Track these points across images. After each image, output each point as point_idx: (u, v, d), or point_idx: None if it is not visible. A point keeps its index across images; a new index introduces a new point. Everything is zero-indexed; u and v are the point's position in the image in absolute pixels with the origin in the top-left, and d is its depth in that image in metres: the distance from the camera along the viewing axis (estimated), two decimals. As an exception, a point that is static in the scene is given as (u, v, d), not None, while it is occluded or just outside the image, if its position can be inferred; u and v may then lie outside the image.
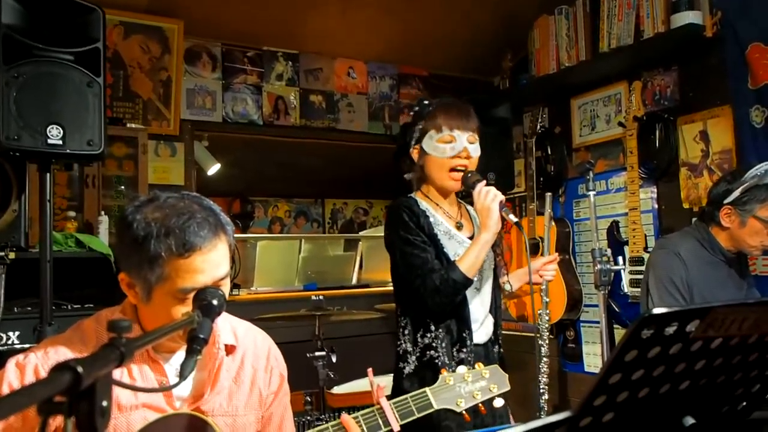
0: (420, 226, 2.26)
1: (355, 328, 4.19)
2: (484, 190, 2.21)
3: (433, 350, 2.25)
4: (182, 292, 1.40)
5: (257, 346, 1.70)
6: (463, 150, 2.27)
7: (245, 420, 1.61)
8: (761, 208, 2.54)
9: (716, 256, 2.67)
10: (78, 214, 3.43)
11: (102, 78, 2.56)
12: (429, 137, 2.29)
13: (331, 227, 8.40)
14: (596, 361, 4.09)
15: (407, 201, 2.34)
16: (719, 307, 1.02)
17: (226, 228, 1.48)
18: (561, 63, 4.18)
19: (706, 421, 1.23)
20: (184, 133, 4.09)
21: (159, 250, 1.37)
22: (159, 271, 1.38)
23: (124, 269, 1.45)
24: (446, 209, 2.39)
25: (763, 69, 3.17)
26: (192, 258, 1.39)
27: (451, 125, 2.27)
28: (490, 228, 2.18)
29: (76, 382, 0.76)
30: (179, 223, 1.39)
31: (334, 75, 4.69)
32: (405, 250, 2.24)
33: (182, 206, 1.43)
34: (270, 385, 1.69)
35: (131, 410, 1.46)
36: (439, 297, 2.18)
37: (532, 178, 4.30)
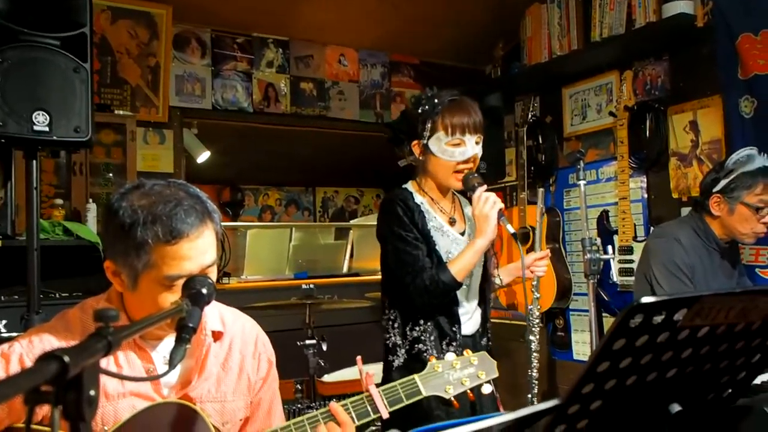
0: (414, 222, 2.25)
1: (345, 317, 4.19)
2: (483, 196, 2.20)
3: (421, 344, 2.26)
4: (169, 280, 1.39)
5: (245, 332, 1.69)
6: (472, 157, 2.27)
7: (234, 406, 1.61)
8: (748, 194, 2.57)
9: (710, 245, 2.70)
10: (65, 202, 3.40)
11: (89, 64, 2.53)
12: (437, 138, 2.26)
13: (322, 216, 8.38)
14: (585, 350, 4.12)
15: (402, 194, 2.32)
16: (706, 296, 1.03)
17: (212, 215, 1.47)
18: (553, 52, 4.18)
19: (692, 409, 1.24)
20: (173, 121, 4.07)
21: (146, 237, 1.36)
22: (146, 258, 1.38)
23: (110, 257, 1.44)
24: (441, 204, 2.38)
25: (753, 59, 3.18)
26: (179, 245, 1.38)
27: (462, 128, 2.24)
28: (487, 235, 2.18)
29: (63, 372, 0.75)
30: (166, 210, 1.38)
31: (325, 62, 4.67)
32: (397, 246, 2.24)
33: (169, 193, 1.42)
34: (258, 371, 1.68)
35: (118, 398, 1.45)
36: (427, 297, 2.19)
37: (523, 167, 4.31)
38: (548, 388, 4.31)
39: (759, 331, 1.18)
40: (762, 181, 2.56)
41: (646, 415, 1.21)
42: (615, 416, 1.17)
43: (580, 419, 1.10)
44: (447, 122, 2.24)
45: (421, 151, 2.32)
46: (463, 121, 2.24)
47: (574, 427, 1.10)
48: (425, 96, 2.33)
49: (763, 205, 2.56)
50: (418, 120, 2.29)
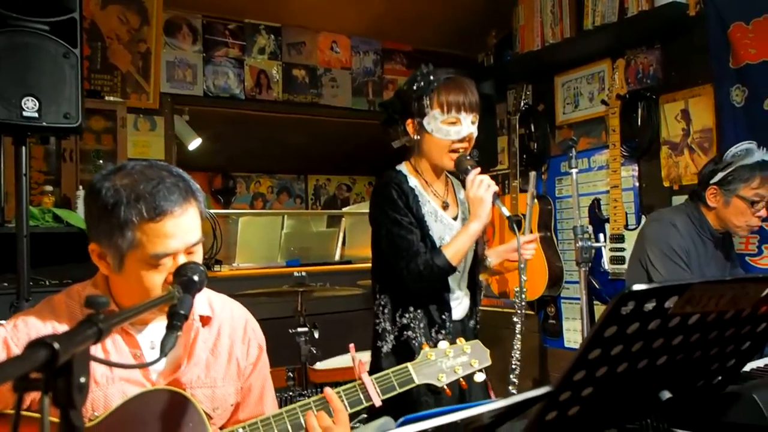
0: (408, 206, 2.22)
1: (337, 305, 4.19)
2: (478, 179, 2.17)
3: (410, 331, 2.24)
4: (155, 258, 1.39)
5: (234, 318, 1.69)
6: (468, 136, 2.23)
7: (224, 391, 1.60)
8: (744, 187, 2.58)
9: (704, 234, 2.72)
10: (55, 189, 3.39)
11: (79, 49, 2.51)
12: (433, 117, 2.21)
13: (314, 203, 8.37)
14: (576, 337, 4.14)
15: (397, 177, 2.28)
16: (697, 284, 1.03)
17: (196, 194, 1.47)
18: (545, 40, 4.17)
19: (682, 396, 1.24)
20: (164, 107, 4.05)
21: (129, 215, 1.36)
22: (130, 236, 1.37)
23: (95, 239, 1.44)
24: (435, 187, 2.35)
25: (745, 48, 3.18)
26: (163, 222, 1.38)
27: (459, 106, 2.20)
28: (481, 218, 2.16)
29: (53, 359, 0.75)
30: (149, 188, 1.38)
31: (317, 49, 4.65)
32: (392, 230, 2.20)
33: (151, 172, 1.42)
34: (248, 356, 1.68)
35: (108, 384, 1.45)
36: (421, 281, 2.17)
37: (515, 155, 4.31)
38: (539, 375, 4.33)
39: (748, 319, 1.19)
40: (759, 175, 2.58)
41: (637, 402, 1.22)
42: (606, 403, 1.18)
43: (571, 406, 1.10)
44: (443, 100, 2.20)
45: (415, 130, 2.27)
46: (459, 99, 2.20)
47: (565, 414, 1.11)
48: (420, 73, 2.27)
49: (758, 199, 2.58)
50: (413, 97, 2.24)
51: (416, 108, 2.24)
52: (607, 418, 1.30)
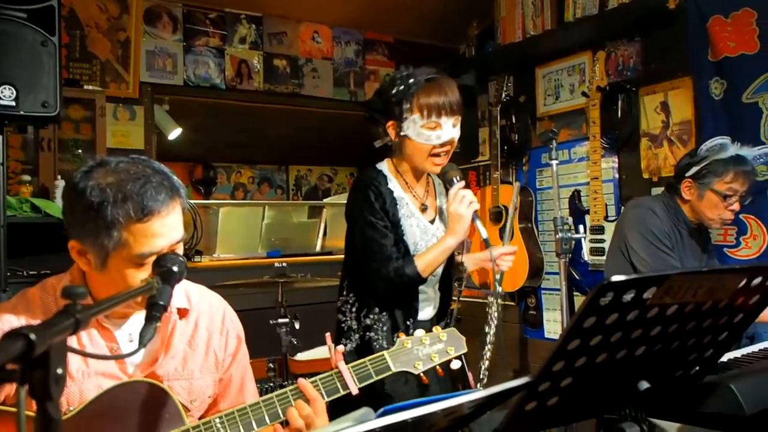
0: (385, 209, 2.20)
1: (318, 295, 4.17)
2: (460, 194, 2.15)
3: (373, 332, 2.23)
4: (140, 257, 1.38)
5: (212, 309, 1.68)
6: (450, 140, 2.20)
7: (201, 383, 1.60)
8: (718, 182, 2.62)
9: (679, 224, 2.76)
10: (33, 178, 3.35)
11: (57, 37, 2.48)
12: (413, 121, 2.17)
13: (295, 194, 8.34)
14: (556, 328, 4.17)
15: (377, 178, 2.26)
16: (675, 274, 1.04)
17: (180, 191, 1.46)
18: (526, 32, 4.18)
19: (661, 386, 1.26)
20: (144, 96, 4.00)
21: (116, 215, 1.34)
22: (116, 236, 1.36)
23: (76, 237, 1.42)
24: (415, 189, 2.33)
25: (723, 41, 3.21)
26: (150, 222, 1.37)
27: (439, 110, 2.15)
28: (458, 235, 2.15)
29: (29, 350, 0.74)
30: (136, 188, 1.36)
31: (299, 39, 4.63)
32: (366, 232, 2.19)
33: (136, 170, 1.40)
34: (227, 347, 1.67)
35: (84, 379, 1.43)
36: (390, 288, 2.17)
37: (497, 146, 4.31)
38: (520, 366, 4.36)
39: (726, 310, 1.20)
40: (733, 170, 2.61)
41: (615, 392, 1.23)
42: (585, 393, 1.19)
43: (550, 396, 1.11)
44: (422, 103, 2.15)
45: (396, 133, 2.24)
46: (440, 103, 2.15)
47: (544, 404, 1.12)
48: (400, 75, 2.23)
49: (731, 194, 2.62)
50: (393, 101, 2.20)
51: (396, 111, 2.20)
52: (586, 408, 1.31)
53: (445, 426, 1.17)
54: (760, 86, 3.10)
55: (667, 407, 1.50)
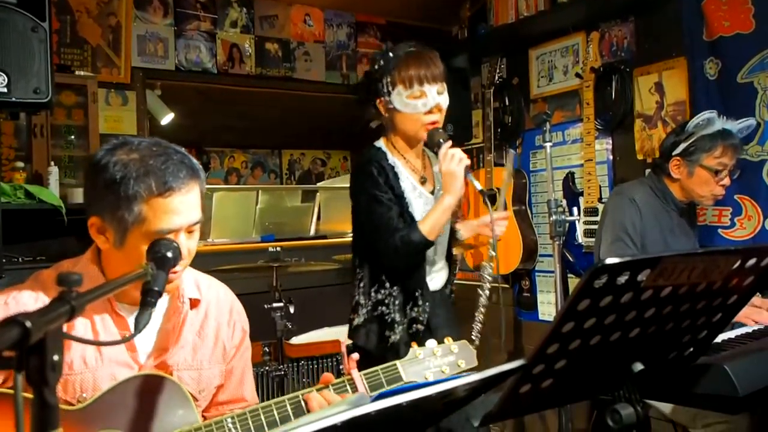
0: (388, 183, 2.27)
1: (312, 279, 4.19)
2: (449, 153, 2.20)
3: (384, 306, 2.29)
4: (159, 234, 1.40)
5: (220, 300, 1.70)
6: (436, 106, 2.26)
7: (210, 373, 1.61)
8: (707, 157, 2.62)
9: (668, 206, 2.76)
10: (27, 165, 3.33)
11: (47, 23, 2.46)
12: (398, 93, 2.26)
13: (289, 178, 8.32)
14: (550, 310, 4.18)
15: (377, 154, 2.33)
16: (669, 256, 1.04)
17: (199, 173, 1.49)
18: (519, 13, 4.15)
19: (655, 367, 1.27)
20: (136, 82, 3.97)
21: (138, 189, 1.37)
22: (137, 211, 1.38)
23: (97, 212, 1.44)
24: (412, 162, 2.39)
25: (718, 21, 3.20)
26: (171, 198, 1.39)
27: (420, 79, 2.23)
28: (454, 192, 2.20)
29: (25, 337, 0.74)
30: (158, 164, 1.39)
31: (290, 22, 4.59)
32: (371, 207, 2.25)
33: (158, 149, 1.44)
34: (233, 338, 1.69)
35: (98, 366, 1.45)
36: (398, 257, 2.22)
37: (490, 129, 4.31)
38: (514, 348, 4.38)
39: (720, 291, 1.21)
40: (721, 144, 2.61)
41: (610, 374, 1.23)
42: (579, 375, 1.19)
43: (544, 379, 1.12)
44: (404, 75, 2.24)
45: (385, 109, 2.32)
46: (420, 73, 2.23)
47: (539, 387, 1.12)
48: (380, 53, 2.34)
49: (721, 168, 2.61)
50: (376, 78, 2.30)
51: (382, 87, 2.29)
52: (580, 390, 1.32)
53: (440, 409, 1.18)
54: (755, 66, 3.09)
55: (661, 388, 1.51)
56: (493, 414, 1.14)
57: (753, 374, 1.53)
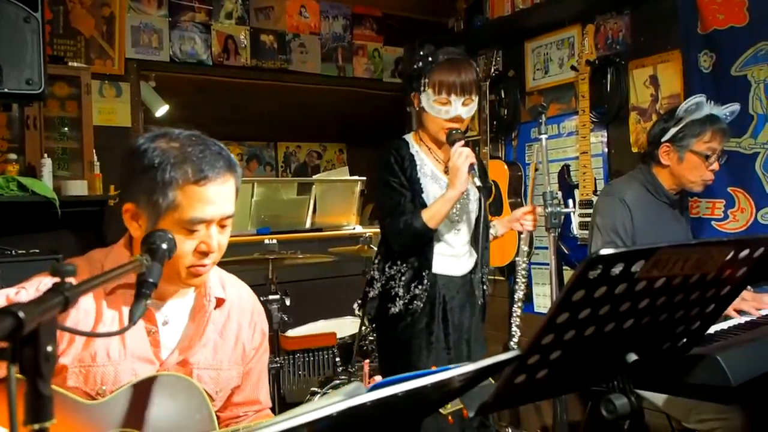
0: (403, 169, 2.46)
1: (308, 272, 4.19)
2: (458, 151, 2.37)
3: (393, 281, 2.49)
4: (192, 222, 1.41)
5: (242, 300, 1.70)
6: (456, 117, 2.43)
7: (228, 374, 1.61)
8: (697, 142, 2.62)
9: (660, 199, 2.76)
10: (19, 157, 3.31)
11: (40, 13, 2.45)
12: (427, 95, 2.43)
13: (284, 171, 8.31)
14: (546, 302, 4.20)
15: (398, 144, 2.53)
16: (663, 247, 1.05)
17: (236, 167, 1.51)
18: (515, 5, 4.15)
19: (648, 358, 1.27)
20: (130, 73, 3.96)
21: (175, 175, 1.38)
22: (172, 196, 1.39)
23: (131, 198, 1.45)
24: (436, 153, 2.57)
25: (713, 14, 3.20)
26: (206, 187, 1.41)
27: (449, 89, 2.40)
28: (456, 187, 2.36)
29: (18, 327, 0.74)
30: (196, 152, 1.42)
31: (286, 14, 4.58)
32: (383, 190, 2.46)
33: (197, 140, 1.46)
34: (253, 340, 1.69)
35: (120, 360, 1.45)
36: (399, 239, 2.42)
37: (486, 121, 4.31)
38: (509, 339, 4.38)
39: (713, 282, 1.21)
40: (710, 129, 2.61)
41: (604, 365, 1.24)
42: (573, 366, 1.20)
43: (539, 369, 1.12)
44: (435, 80, 2.41)
45: (417, 104, 2.51)
46: (450, 81, 2.40)
47: (534, 377, 1.13)
48: (421, 53, 2.50)
49: (711, 153, 2.62)
50: (413, 75, 2.49)
51: (415, 85, 2.48)
52: (574, 380, 1.33)
53: (435, 399, 1.18)
54: (749, 59, 3.09)
55: (655, 379, 1.52)
56: (488, 404, 1.14)
57: (745, 364, 1.54)
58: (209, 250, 1.45)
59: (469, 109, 2.47)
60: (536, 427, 4.15)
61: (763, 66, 3.05)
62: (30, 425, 0.77)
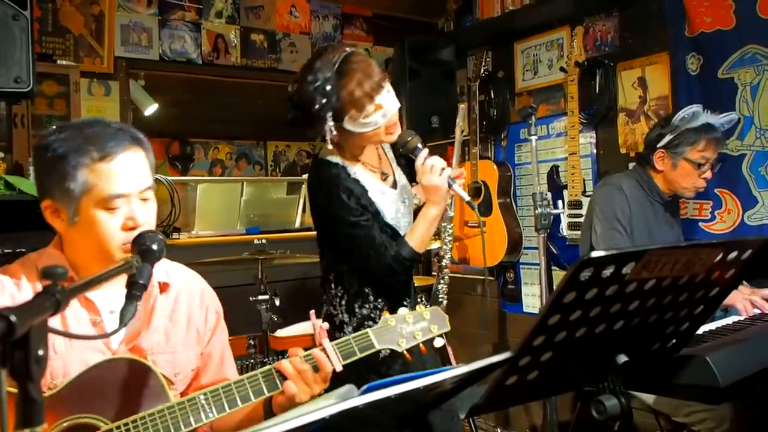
0: (360, 204, 2.11)
1: (298, 272, 4.19)
2: (429, 163, 2.07)
3: (371, 321, 2.17)
4: (109, 199, 1.42)
5: (191, 285, 1.71)
6: (395, 114, 2.09)
7: (184, 357, 1.62)
8: (691, 150, 2.68)
9: (653, 197, 2.81)
10: (7, 155, 3.28)
11: (29, 11, 2.43)
12: (350, 118, 2.03)
13: (274, 170, 8.29)
14: (534, 302, 4.21)
15: (339, 174, 2.12)
16: (653, 249, 1.06)
17: (142, 141, 1.51)
18: (505, 6, 4.16)
19: (638, 358, 1.28)
20: (119, 71, 3.93)
21: (80, 158, 1.40)
22: (82, 179, 1.40)
23: (47, 194, 1.46)
24: (369, 163, 2.24)
25: (700, 17, 3.22)
26: (114, 161, 1.42)
27: (372, 95, 2.00)
28: (439, 205, 2.11)
29: (10, 331, 0.74)
30: (97, 132, 1.44)
31: (276, 13, 4.57)
32: (351, 233, 2.11)
33: (96, 122, 1.48)
34: (207, 322, 1.70)
35: (68, 352, 1.44)
36: (393, 275, 2.13)
37: (476, 122, 4.31)
38: (498, 340, 4.40)
39: (702, 284, 1.22)
40: (704, 138, 2.67)
41: (594, 366, 1.25)
42: (564, 367, 1.21)
43: (531, 371, 1.13)
44: (352, 99, 2.00)
45: (339, 134, 2.08)
46: (366, 88, 1.99)
47: (525, 378, 1.13)
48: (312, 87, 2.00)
49: (704, 161, 2.68)
50: (320, 115, 2.02)
51: (330, 120, 2.03)
52: (565, 381, 1.33)
53: (427, 401, 1.18)
54: (736, 62, 3.12)
55: (644, 379, 1.53)
56: (479, 405, 1.15)
57: (734, 365, 1.56)
58: (135, 224, 1.46)
59: (393, 93, 2.07)
60: (525, 427, 4.16)
61: (750, 69, 3.07)
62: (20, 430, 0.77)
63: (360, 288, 2.19)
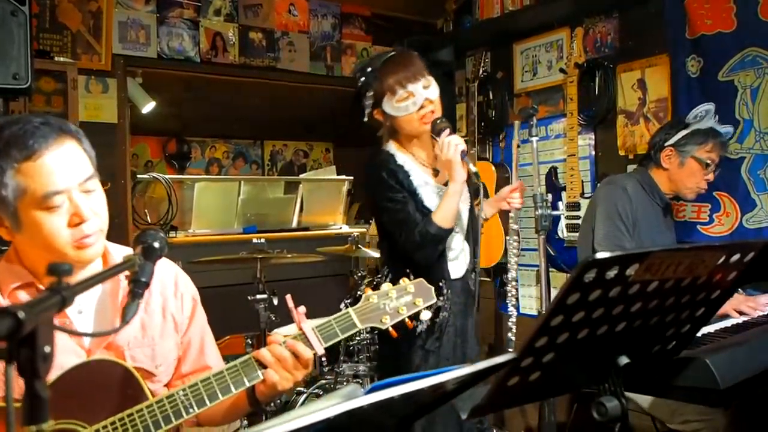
0: (399, 182, 2.36)
1: (296, 271, 4.19)
2: (446, 142, 2.29)
3: None
4: (46, 198, 1.36)
5: (163, 273, 1.66)
6: (425, 101, 2.34)
7: (163, 347, 1.59)
8: (699, 149, 2.73)
9: (654, 199, 2.82)
10: (5, 152, 3.28)
11: (27, 7, 2.42)
12: (387, 101, 2.36)
13: (271, 169, 8.27)
14: (532, 304, 4.21)
15: (386, 159, 2.43)
16: (658, 251, 1.06)
17: (69, 130, 1.44)
18: (505, 7, 4.17)
19: (639, 360, 1.28)
20: (117, 69, 3.93)
21: (6, 163, 1.34)
22: (14, 184, 1.35)
23: None
24: (422, 157, 2.48)
25: (700, 19, 3.23)
26: (41, 159, 1.36)
27: (403, 82, 2.32)
28: (456, 179, 2.29)
29: (17, 328, 0.73)
30: (16, 131, 1.36)
31: (275, 11, 4.56)
32: (388, 207, 2.36)
33: (16, 118, 1.40)
34: (183, 310, 1.67)
35: None
36: (421, 251, 2.32)
37: (474, 122, 4.32)
38: (495, 341, 4.41)
39: (704, 286, 1.23)
40: (713, 140, 2.73)
41: (595, 367, 1.25)
42: (566, 368, 1.21)
43: (532, 371, 1.13)
44: (386, 84, 2.34)
45: (383, 117, 2.42)
46: (400, 76, 2.33)
47: (526, 379, 1.13)
48: (358, 69, 2.44)
49: (710, 162, 2.73)
50: (364, 94, 2.41)
51: (372, 101, 2.40)
52: (566, 383, 1.33)
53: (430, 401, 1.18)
54: (736, 65, 3.13)
55: (644, 381, 1.53)
56: (481, 406, 1.15)
57: (733, 367, 1.56)
58: (82, 219, 1.40)
59: (433, 89, 2.38)
60: (521, 428, 4.16)
61: (750, 72, 3.08)
62: (27, 426, 0.77)
63: (400, 268, 2.34)
